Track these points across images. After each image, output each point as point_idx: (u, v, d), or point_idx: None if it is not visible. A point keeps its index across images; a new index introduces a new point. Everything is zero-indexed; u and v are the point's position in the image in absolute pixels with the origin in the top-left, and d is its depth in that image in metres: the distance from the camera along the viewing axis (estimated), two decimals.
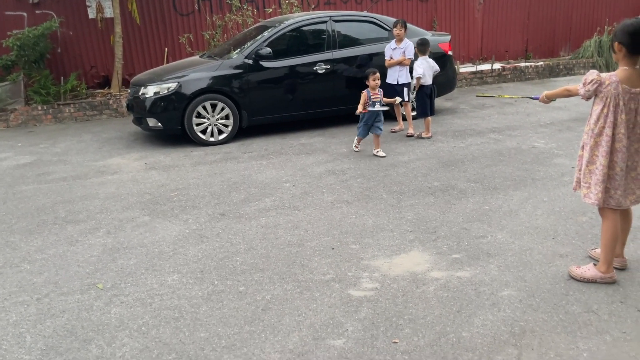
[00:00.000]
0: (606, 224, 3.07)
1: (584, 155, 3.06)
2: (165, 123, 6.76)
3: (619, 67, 2.93)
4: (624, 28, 2.83)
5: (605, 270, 3.08)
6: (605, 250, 3.08)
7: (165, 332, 2.85)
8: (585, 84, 2.96)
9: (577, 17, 12.73)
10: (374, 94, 5.86)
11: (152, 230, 4.23)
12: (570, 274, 3.20)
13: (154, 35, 10.13)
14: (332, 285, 3.26)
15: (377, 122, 5.95)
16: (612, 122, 2.90)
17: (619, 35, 2.86)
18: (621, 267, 3.24)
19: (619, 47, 2.87)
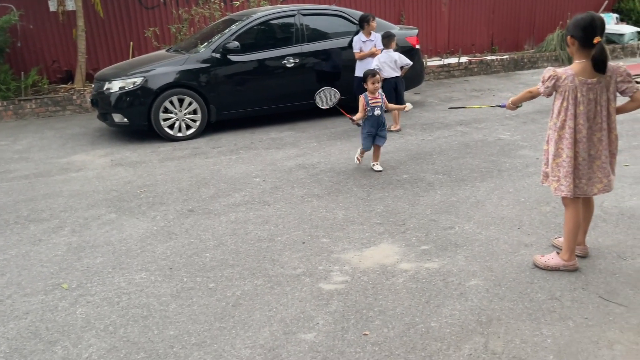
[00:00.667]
0: (569, 212, 3.15)
1: (550, 149, 3.13)
2: (131, 118, 6.64)
3: (574, 60, 3.01)
4: (576, 22, 2.92)
5: (568, 258, 3.17)
6: (567, 238, 3.16)
7: (133, 331, 2.81)
8: (544, 82, 3.04)
9: (540, 12, 13.00)
10: (373, 99, 5.12)
11: (119, 228, 4.15)
12: (534, 262, 3.28)
13: (118, 29, 9.90)
14: (302, 279, 3.26)
15: (381, 131, 5.19)
16: (572, 114, 2.98)
17: (571, 29, 2.94)
18: (583, 255, 3.33)
19: (571, 40, 2.95)
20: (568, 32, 2.96)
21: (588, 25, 2.86)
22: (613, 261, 3.29)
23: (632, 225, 3.77)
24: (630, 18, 13.47)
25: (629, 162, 5.11)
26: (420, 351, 2.55)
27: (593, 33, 2.85)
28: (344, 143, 6.31)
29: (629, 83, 2.97)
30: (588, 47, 2.89)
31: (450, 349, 2.55)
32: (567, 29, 2.98)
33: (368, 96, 5.13)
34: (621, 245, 3.49)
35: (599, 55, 2.86)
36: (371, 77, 5.10)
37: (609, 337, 2.58)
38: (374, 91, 5.13)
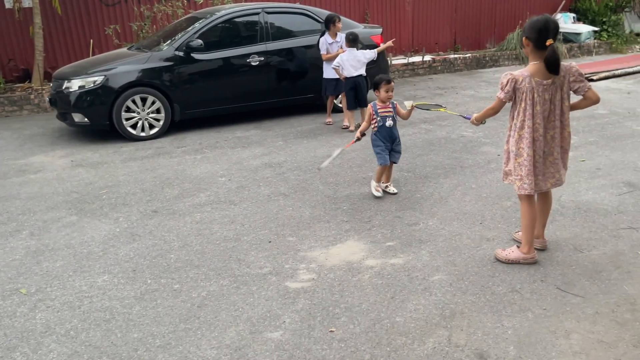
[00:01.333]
0: (524, 207, 3.25)
1: (510, 148, 3.21)
2: (92, 118, 6.48)
3: (529, 61, 3.10)
4: (531, 24, 3.00)
5: (527, 251, 3.26)
6: (525, 232, 3.26)
7: (95, 335, 2.75)
8: (503, 88, 3.11)
9: (501, 11, 13.29)
10: (382, 108, 4.44)
11: (80, 230, 4.06)
12: (496, 256, 3.36)
13: (77, 27, 9.65)
14: (269, 278, 3.26)
15: (397, 146, 4.54)
16: (530, 114, 3.06)
17: (527, 31, 3.03)
18: (542, 248, 3.43)
19: (526, 42, 3.04)
20: (524, 34, 3.05)
21: (542, 28, 2.96)
22: (570, 253, 3.41)
23: (587, 219, 3.90)
24: (586, 17, 13.91)
25: (585, 158, 5.28)
26: (386, 346, 2.58)
27: (546, 35, 2.95)
28: (311, 141, 6.32)
29: (581, 82, 3.07)
30: (542, 48, 2.98)
31: (414, 343, 2.60)
32: (523, 30, 3.07)
33: (377, 105, 4.45)
34: (578, 238, 3.61)
35: (551, 57, 2.96)
36: (385, 83, 4.37)
37: (566, 327, 2.67)
38: (386, 100, 4.43)
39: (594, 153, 5.44)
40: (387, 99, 4.43)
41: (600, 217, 3.91)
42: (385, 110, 4.43)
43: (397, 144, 4.53)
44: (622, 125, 6.49)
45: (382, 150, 4.45)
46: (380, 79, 4.42)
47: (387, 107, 4.44)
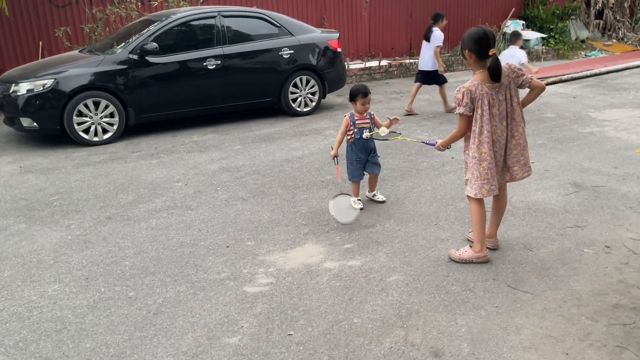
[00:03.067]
0: (475, 207, 3.36)
1: (473, 155, 3.24)
2: (42, 123, 6.27)
3: (474, 71, 3.21)
4: (471, 37, 3.13)
5: (479, 249, 3.37)
6: (477, 231, 3.36)
7: (46, 346, 2.66)
8: (461, 102, 3.16)
9: (454, 18, 13.63)
10: (360, 119, 4.25)
11: (29, 238, 3.92)
12: (450, 256, 3.45)
13: (25, 28, 9.31)
14: (227, 283, 3.23)
15: (372, 157, 4.33)
16: (487, 118, 3.16)
17: (467, 43, 3.14)
18: (494, 247, 3.55)
19: (469, 54, 3.16)
20: (464, 46, 3.16)
21: (483, 39, 3.10)
22: (520, 252, 3.53)
23: (536, 218, 4.05)
24: (535, 24, 14.45)
25: (534, 160, 5.48)
26: (344, 347, 2.60)
27: (487, 45, 3.10)
28: (269, 145, 6.31)
29: (522, 76, 3.23)
30: (484, 58, 3.12)
31: (372, 343, 2.63)
32: (463, 42, 3.17)
33: (355, 116, 4.26)
34: (527, 237, 3.74)
35: (495, 66, 3.11)
36: (362, 96, 4.16)
37: (516, 323, 2.76)
38: (363, 112, 4.26)
39: (542, 155, 5.65)
40: (364, 110, 4.23)
41: (548, 217, 4.07)
42: (363, 122, 4.25)
43: (373, 156, 4.33)
44: (568, 128, 6.77)
45: (355, 164, 4.29)
46: (357, 90, 4.19)
47: (364, 117, 4.26)
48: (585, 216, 4.06)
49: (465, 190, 3.37)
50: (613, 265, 3.33)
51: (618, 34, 16.02)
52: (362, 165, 4.31)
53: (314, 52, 7.80)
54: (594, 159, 5.44)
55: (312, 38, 7.87)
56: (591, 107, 7.98)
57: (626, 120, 7.06)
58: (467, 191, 3.34)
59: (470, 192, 3.31)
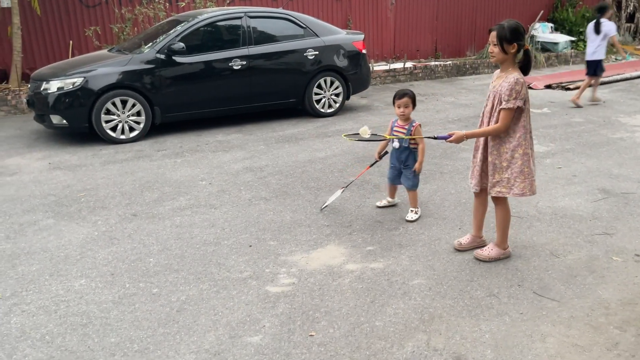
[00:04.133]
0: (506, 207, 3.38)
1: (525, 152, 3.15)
2: (71, 120, 6.40)
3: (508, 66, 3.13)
4: (517, 29, 3.04)
5: (507, 246, 3.44)
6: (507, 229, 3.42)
7: (72, 340, 2.71)
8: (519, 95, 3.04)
9: (481, 20, 13.50)
10: (399, 127, 4.07)
11: (57, 233, 4.00)
12: (477, 257, 3.43)
13: (57, 27, 9.52)
14: (249, 282, 3.25)
15: (405, 168, 4.09)
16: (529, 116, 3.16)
17: (513, 36, 3.03)
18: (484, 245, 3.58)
19: (513, 46, 3.06)
20: (508, 39, 3.03)
21: (523, 33, 3.08)
22: (546, 258, 3.46)
23: (564, 224, 3.98)
24: (564, 27, 14.21)
25: (561, 165, 5.39)
26: (365, 350, 2.59)
27: (524, 40, 3.09)
28: (292, 146, 6.33)
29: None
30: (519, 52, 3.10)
31: (394, 347, 2.61)
32: (504, 36, 3.04)
33: (397, 123, 4.12)
34: (554, 243, 3.67)
35: (529, 60, 3.13)
36: (397, 98, 4.00)
37: (542, 331, 2.71)
38: (401, 117, 4.04)
39: (570, 160, 5.54)
40: (401, 116, 4.04)
41: (575, 223, 3.99)
42: (398, 130, 4.06)
43: (406, 169, 4.08)
44: (597, 133, 6.64)
45: (390, 168, 4.22)
46: (395, 93, 4.04)
47: (403, 126, 4.05)
48: (614, 223, 3.97)
49: (499, 192, 3.25)
50: None
51: None
52: (396, 172, 4.17)
53: (338, 54, 7.79)
54: (624, 165, 5.31)
55: (337, 39, 7.86)
56: (621, 112, 7.80)
57: None
58: (504, 192, 3.24)
59: (514, 190, 3.19)
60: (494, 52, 3.13)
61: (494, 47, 3.11)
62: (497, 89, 3.16)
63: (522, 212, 4.19)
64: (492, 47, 3.13)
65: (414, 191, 4.14)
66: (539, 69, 12.49)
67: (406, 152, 4.07)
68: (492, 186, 3.28)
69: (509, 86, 3.05)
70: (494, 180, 3.27)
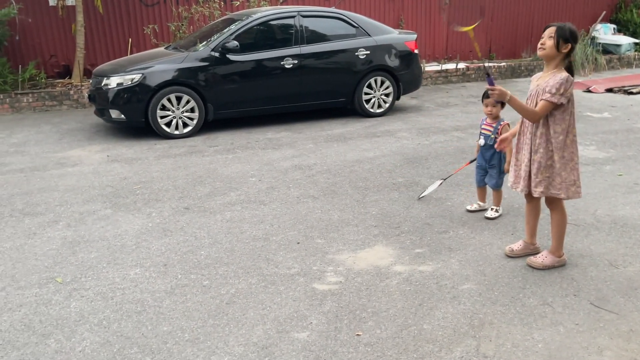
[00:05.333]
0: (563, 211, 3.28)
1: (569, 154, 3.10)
2: (129, 115, 6.64)
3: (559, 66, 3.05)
4: (575, 32, 3.01)
5: (562, 254, 3.33)
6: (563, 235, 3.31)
7: (127, 326, 2.81)
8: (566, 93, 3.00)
9: (538, 20, 13.08)
10: (487, 124, 4.13)
11: (114, 223, 4.15)
12: (531, 265, 3.33)
13: (117, 25, 9.90)
14: (296, 279, 3.27)
15: (490, 168, 4.13)
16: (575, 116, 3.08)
17: (572, 37, 2.99)
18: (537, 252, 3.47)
19: (567, 47, 3.00)
20: (565, 38, 2.98)
21: (578, 40, 3.03)
22: (605, 269, 3.33)
23: (624, 234, 3.81)
24: (627, 29, 13.58)
25: (622, 172, 5.15)
26: (413, 353, 2.56)
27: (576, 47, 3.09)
28: (340, 145, 6.33)
29: None
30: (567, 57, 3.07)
31: (442, 351, 2.57)
32: (563, 33, 2.98)
33: (485, 121, 4.17)
34: (613, 253, 3.52)
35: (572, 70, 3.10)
36: (485, 97, 4.03)
37: (599, 343, 2.61)
38: (492, 115, 4.09)
39: (631, 167, 5.30)
40: (489, 115, 4.09)
41: (637, 233, 3.81)
42: (486, 127, 4.12)
43: (491, 168, 4.11)
44: None
45: (476, 168, 4.26)
46: (484, 92, 4.01)
47: (491, 125, 4.09)
48: None
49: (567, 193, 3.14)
50: None
51: None
52: (483, 172, 4.21)
53: (390, 53, 7.74)
54: None
55: (389, 39, 7.81)
56: None
57: None
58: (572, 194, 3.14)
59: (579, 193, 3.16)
60: (545, 44, 3.02)
61: (549, 40, 3.01)
62: (541, 87, 3.07)
63: (579, 220, 4.04)
64: (546, 40, 3.02)
65: (497, 190, 4.19)
66: (599, 71, 11.99)
67: (491, 151, 4.07)
68: (535, 186, 3.20)
69: (560, 81, 2.98)
70: (537, 180, 3.18)
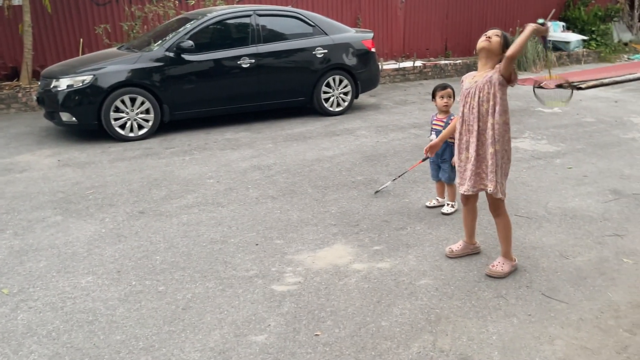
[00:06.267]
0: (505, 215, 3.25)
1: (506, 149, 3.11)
2: (80, 118, 6.43)
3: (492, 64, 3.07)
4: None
5: (513, 257, 3.31)
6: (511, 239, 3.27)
7: (77, 337, 2.72)
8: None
9: (491, 18, 13.39)
10: (437, 120, 4.17)
11: (65, 230, 4.01)
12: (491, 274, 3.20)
13: (67, 25, 9.57)
14: (255, 281, 3.24)
15: (442, 162, 4.14)
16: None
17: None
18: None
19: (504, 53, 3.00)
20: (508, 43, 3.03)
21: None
22: (555, 260, 3.42)
23: (573, 225, 3.93)
24: (576, 26, 14.06)
25: (572, 165, 5.33)
26: (371, 350, 2.57)
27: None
28: (300, 144, 6.32)
29: None
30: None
31: (399, 347, 2.59)
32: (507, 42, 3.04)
33: (436, 116, 4.20)
34: (563, 245, 3.63)
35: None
36: (440, 89, 4.06)
37: (550, 333, 2.68)
38: (442, 108, 4.09)
39: (580, 160, 5.48)
40: (444, 108, 4.07)
41: (585, 224, 3.94)
42: (437, 123, 4.15)
43: (443, 162, 4.12)
44: (609, 133, 6.56)
45: (430, 163, 4.25)
46: (436, 86, 4.12)
47: (442, 120, 4.12)
48: (625, 225, 3.92)
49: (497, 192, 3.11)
50: None
51: None
52: (437, 167, 4.21)
53: (347, 52, 7.77)
54: (635, 166, 5.24)
55: (346, 38, 7.84)
56: (633, 112, 7.71)
57: None
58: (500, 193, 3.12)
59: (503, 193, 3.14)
60: (492, 39, 3.00)
61: (496, 37, 3.01)
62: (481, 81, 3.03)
63: (532, 213, 4.15)
64: (493, 37, 3.00)
65: (451, 185, 4.19)
66: (550, 68, 12.38)
67: (443, 146, 4.01)
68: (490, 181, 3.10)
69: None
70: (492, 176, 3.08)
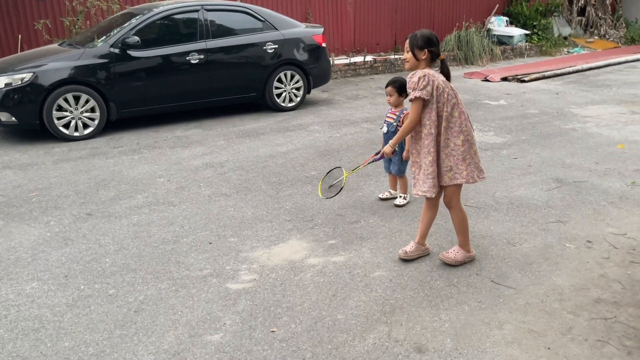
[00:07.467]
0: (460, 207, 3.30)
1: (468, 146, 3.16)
2: (20, 117, 6.14)
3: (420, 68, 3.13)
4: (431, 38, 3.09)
5: (470, 249, 3.37)
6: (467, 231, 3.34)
7: (23, 346, 2.61)
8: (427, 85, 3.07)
9: (439, 14, 13.68)
10: (391, 112, 4.19)
11: (7, 235, 3.83)
12: (444, 260, 3.30)
13: (4, 21, 9.11)
14: (209, 280, 3.20)
15: (393, 156, 4.06)
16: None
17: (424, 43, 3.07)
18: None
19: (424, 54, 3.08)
20: (419, 46, 3.07)
21: (437, 43, 3.13)
22: (503, 247, 3.54)
23: (520, 213, 4.07)
24: (518, 21, 14.54)
25: (517, 155, 5.52)
26: (327, 344, 2.59)
27: (439, 49, 3.15)
28: (253, 141, 6.26)
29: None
30: (434, 61, 3.16)
31: (355, 339, 2.62)
32: (416, 43, 3.08)
33: (390, 110, 4.22)
34: (510, 232, 3.76)
35: (447, 69, 3.19)
36: (389, 85, 4.11)
37: (499, 318, 2.77)
38: (396, 104, 4.14)
39: (525, 151, 5.69)
40: (396, 103, 4.12)
41: (531, 212, 4.09)
42: (390, 116, 4.17)
43: (395, 155, 4.04)
44: (551, 124, 6.83)
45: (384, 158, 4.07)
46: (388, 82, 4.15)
47: (394, 113, 4.15)
48: (567, 211, 4.10)
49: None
50: (594, 260, 3.36)
51: (600, 31, 16.20)
52: (388, 159, 4.22)
53: (298, 47, 7.75)
54: (576, 155, 5.49)
55: (296, 33, 7.82)
56: (573, 104, 8.06)
57: (607, 117, 7.14)
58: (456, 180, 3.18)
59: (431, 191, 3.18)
60: (406, 58, 3.16)
61: (407, 54, 3.14)
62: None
63: (480, 203, 4.27)
64: (405, 54, 3.16)
65: (402, 177, 4.27)
66: (495, 61, 12.77)
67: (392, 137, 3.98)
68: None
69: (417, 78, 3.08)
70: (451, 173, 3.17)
